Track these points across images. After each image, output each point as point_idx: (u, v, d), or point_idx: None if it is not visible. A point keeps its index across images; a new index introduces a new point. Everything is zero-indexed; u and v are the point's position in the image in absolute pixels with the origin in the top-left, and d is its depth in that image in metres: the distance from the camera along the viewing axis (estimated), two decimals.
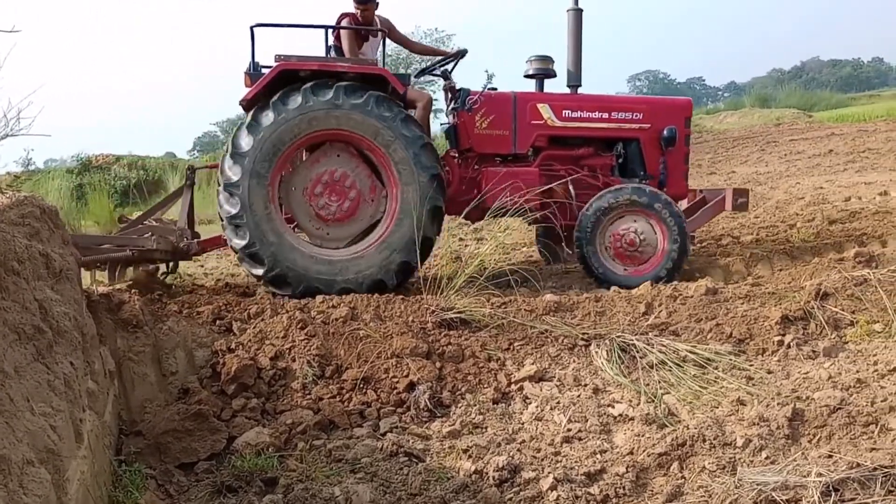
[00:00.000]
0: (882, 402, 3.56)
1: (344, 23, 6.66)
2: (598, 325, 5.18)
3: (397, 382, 4.51)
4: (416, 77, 7.37)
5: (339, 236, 6.24)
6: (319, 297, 5.60)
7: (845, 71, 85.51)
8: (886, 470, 2.90)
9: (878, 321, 4.85)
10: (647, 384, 4.26)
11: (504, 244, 9.03)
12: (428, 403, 4.31)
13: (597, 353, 4.68)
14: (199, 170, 7.01)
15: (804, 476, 2.95)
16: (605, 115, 6.93)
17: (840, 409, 3.52)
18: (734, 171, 15.96)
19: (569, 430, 3.83)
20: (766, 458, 3.25)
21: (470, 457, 3.66)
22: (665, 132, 6.89)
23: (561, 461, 3.53)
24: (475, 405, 4.29)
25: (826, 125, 26.41)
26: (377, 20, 6.79)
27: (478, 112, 6.69)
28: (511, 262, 7.31)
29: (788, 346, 4.62)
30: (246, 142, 5.83)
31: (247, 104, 6.11)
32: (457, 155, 6.93)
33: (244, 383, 4.44)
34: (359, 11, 6.64)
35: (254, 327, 5.00)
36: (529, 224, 7.17)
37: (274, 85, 5.94)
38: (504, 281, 5.79)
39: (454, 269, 5.68)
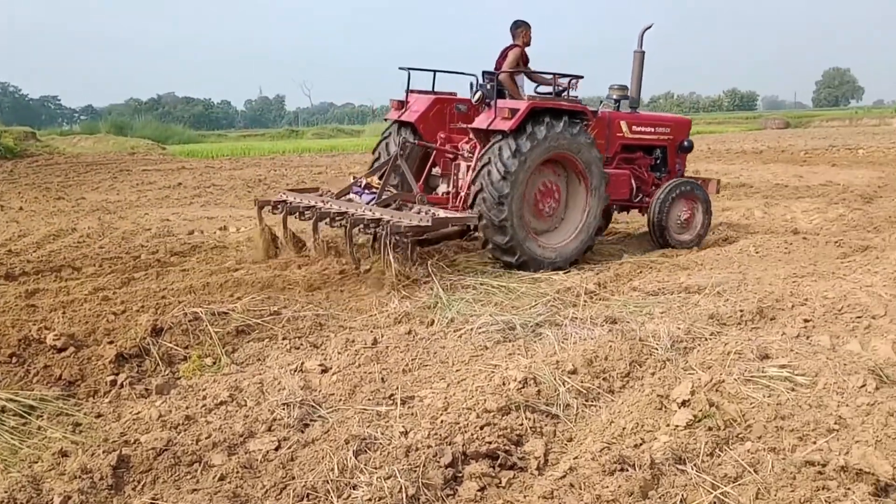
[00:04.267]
0: (206, 438, 3.65)
1: (511, 52, 8.51)
2: None
3: None
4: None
5: (544, 228, 8.35)
6: None
7: (197, 109, 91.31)
8: None
9: (210, 355, 5.05)
10: None
11: None
12: None
13: None
14: (413, 145, 8.56)
15: None
16: (653, 129, 9.67)
17: (167, 450, 3.49)
18: (84, 196, 15.27)
19: None
20: None
21: None
22: (685, 143, 9.92)
23: None
24: None
25: (178, 158, 27.57)
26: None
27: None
28: None
29: (122, 386, 4.49)
30: (512, 163, 7.51)
31: (509, 131, 7.59)
32: None
33: None
34: (521, 35, 8.60)
35: None
36: None
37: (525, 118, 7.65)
38: None
39: None
